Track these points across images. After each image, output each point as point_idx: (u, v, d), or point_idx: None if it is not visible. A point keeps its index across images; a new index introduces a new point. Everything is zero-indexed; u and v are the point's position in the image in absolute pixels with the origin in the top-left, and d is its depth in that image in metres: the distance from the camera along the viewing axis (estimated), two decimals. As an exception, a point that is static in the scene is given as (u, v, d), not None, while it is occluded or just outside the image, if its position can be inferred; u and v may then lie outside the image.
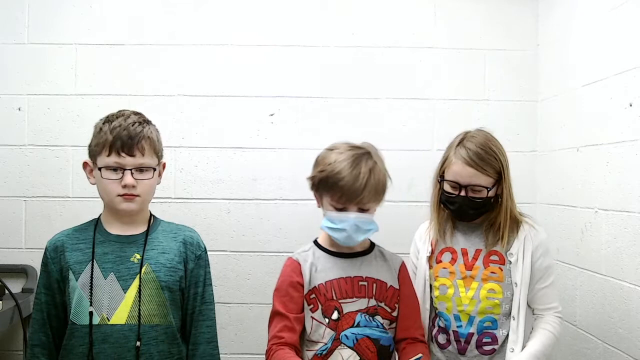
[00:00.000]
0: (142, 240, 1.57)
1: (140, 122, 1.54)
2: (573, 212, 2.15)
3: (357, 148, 1.52)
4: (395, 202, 2.37)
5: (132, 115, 1.55)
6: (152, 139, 1.55)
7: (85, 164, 1.58)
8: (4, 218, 2.40)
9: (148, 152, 1.53)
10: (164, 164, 1.64)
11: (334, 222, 1.50)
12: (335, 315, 1.50)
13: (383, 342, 1.53)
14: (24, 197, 2.41)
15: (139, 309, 1.49)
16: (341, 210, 1.49)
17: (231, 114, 2.44)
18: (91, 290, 1.49)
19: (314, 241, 1.63)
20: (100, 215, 1.62)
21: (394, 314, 1.57)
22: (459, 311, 1.65)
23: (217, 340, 1.62)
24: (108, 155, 1.50)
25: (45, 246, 1.58)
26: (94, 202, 2.23)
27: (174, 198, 2.42)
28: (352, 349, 1.49)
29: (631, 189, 1.80)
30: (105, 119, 1.55)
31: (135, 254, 1.54)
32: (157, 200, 1.65)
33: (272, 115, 2.45)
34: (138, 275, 1.51)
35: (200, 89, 2.44)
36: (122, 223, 1.58)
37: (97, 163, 1.52)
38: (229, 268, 2.43)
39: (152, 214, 1.64)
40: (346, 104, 2.44)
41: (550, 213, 2.32)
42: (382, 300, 1.55)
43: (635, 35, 1.79)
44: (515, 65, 2.46)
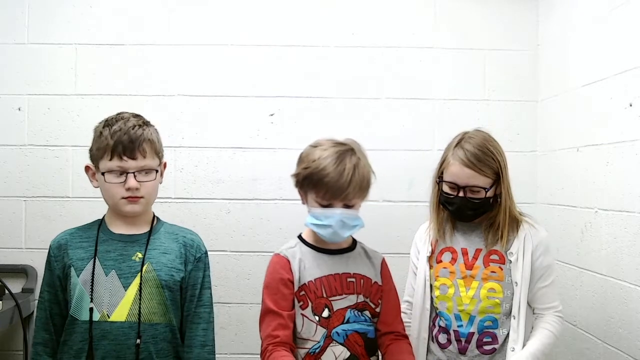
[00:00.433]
0: (145, 239, 1.58)
1: (140, 125, 1.55)
2: (573, 212, 2.15)
3: (340, 144, 1.52)
4: (395, 202, 2.37)
5: (131, 119, 1.55)
6: (153, 141, 1.56)
7: (87, 168, 1.59)
8: (4, 218, 2.41)
9: (149, 154, 1.54)
10: (165, 163, 1.65)
11: (319, 219, 1.49)
12: (326, 313, 1.50)
13: (370, 334, 1.54)
14: (24, 197, 2.41)
15: (139, 307, 1.50)
16: (326, 206, 1.49)
17: (231, 114, 2.44)
18: (92, 286, 1.50)
19: (299, 236, 1.61)
20: (104, 215, 1.63)
21: (377, 309, 1.58)
22: (460, 311, 1.65)
23: (213, 345, 1.60)
24: (110, 160, 1.50)
25: (50, 244, 1.59)
26: (94, 202, 2.24)
27: (174, 198, 2.42)
28: (343, 344, 1.50)
29: (631, 189, 1.80)
30: (104, 122, 1.56)
31: (137, 253, 1.55)
32: (157, 200, 1.65)
33: (272, 115, 2.45)
34: (139, 274, 1.52)
35: (200, 89, 2.43)
36: (126, 224, 1.59)
37: (100, 167, 1.53)
38: (229, 268, 2.43)
39: (155, 216, 1.66)
40: (346, 104, 2.44)
41: (550, 213, 2.32)
42: (367, 296, 1.56)
43: (635, 35, 1.79)
44: (515, 65, 2.46)
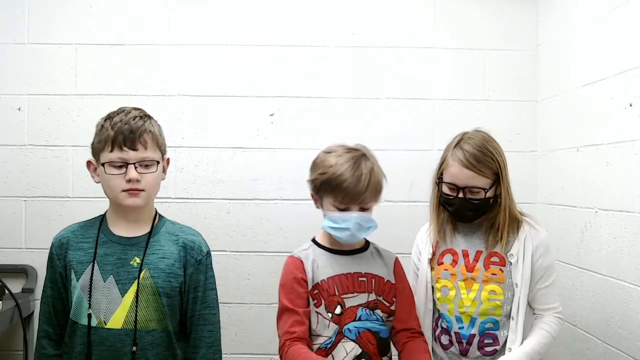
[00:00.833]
0: (144, 243, 1.56)
1: (142, 117, 1.54)
2: (573, 212, 2.15)
3: (353, 150, 1.58)
4: (395, 203, 2.37)
5: (132, 111, 1.55)
6: (154, 133, 1.55)
7: (88, 163, 1.58)
8: (4, 218, 2.41)
9: (151, 145, 1.53)
10: (168, 159, 1.62)
11: (336, 222, 1.55)
12: (338, 310, 1.55)
13: (382, 334, 1.59)
14: (24, 197, 2.41)
15: (136, 314, 1.50)
16: (343, 210, 1.54)
17: (231, 114, 2.44)
18: (90, 292, 1.50)
19: (313, 240, 1.67)
20: (106, 212, 1.61)
21: (392, 307, 1.62)
22: (461, 313, 1.65)
23: (219, 345, 1.61)
24: (111, 151, 1.49)
25: (52, 241, 1.59)
26: (94, 202, 2.24)
27: (174, 198, 2.42)
28: (355, 341, 1.54)
29: (631, 189, 1.80)
30: (106, 116, 1.55)
31: (136, 258, 1.54)
32: (157, 200, 1.64)
33: (272, 115, 2.44)
34: (136, 280, 1.51)
35: (200, 89, 2.43)
36: (127, 221, 1.57)
37: (101, 159, 1.51)
38: (229, 268, 2.43)
39: (157, 212, 1.64)
40: (346, 104, 2.44)
41: (550, 213, 2.32)
42: (381, 294, 1.61)
43: (635, 35, 1.79)
44: (515, 65, 2.46)
